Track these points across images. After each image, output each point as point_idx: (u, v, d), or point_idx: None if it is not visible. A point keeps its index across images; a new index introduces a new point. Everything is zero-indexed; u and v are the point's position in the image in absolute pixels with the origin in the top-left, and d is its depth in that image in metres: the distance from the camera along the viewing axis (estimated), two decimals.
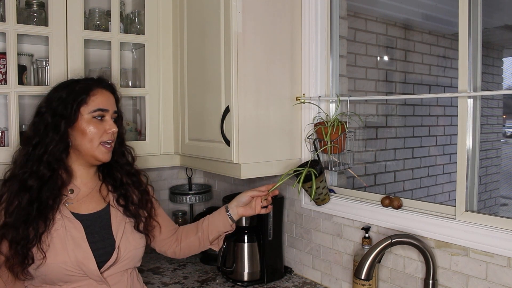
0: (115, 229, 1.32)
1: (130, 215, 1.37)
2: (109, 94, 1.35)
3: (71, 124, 1.28)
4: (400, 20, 3.41)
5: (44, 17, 1.79)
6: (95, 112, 1.29)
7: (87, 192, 1.35)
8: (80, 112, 1.28)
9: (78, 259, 1.22)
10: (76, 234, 1.25)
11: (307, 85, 1.77)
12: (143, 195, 1.44)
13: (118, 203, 1.37)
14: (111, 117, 1.33)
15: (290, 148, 1.78)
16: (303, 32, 1.77)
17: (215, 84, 1.69)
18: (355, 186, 2.05)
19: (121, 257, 1.30)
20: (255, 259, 1.84)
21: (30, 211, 1.21)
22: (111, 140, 1.33)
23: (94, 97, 1.30)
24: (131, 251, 1.33)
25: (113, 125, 1.32)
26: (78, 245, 1.24)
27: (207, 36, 1.74)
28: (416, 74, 3.56)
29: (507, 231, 1.20)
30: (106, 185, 1.40)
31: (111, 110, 1.33)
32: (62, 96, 1.29)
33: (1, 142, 1.81)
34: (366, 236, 1.54)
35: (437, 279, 1.36)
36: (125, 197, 1.39)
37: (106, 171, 1.41)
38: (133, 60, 2.23)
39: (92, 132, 1.29)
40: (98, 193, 1.37)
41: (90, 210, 1.32)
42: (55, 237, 1.23)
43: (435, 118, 3.74)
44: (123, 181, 1.41)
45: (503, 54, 4.37)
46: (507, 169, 4.37)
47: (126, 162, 1.44)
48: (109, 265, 1.28)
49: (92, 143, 1.29)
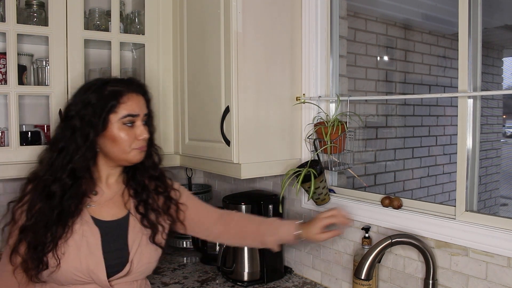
0: (131, 241, 1.28)
1: (148, 225, 1.32)
2: (139, 97, 1.28)
3: (100, 132, 1.22)
4: (400, 20, 3.41)
5: (44, 17, 1.79)
6: (125, 119, 1.23)
7: (110, 196, 1.31)
8: (110, 120, 1.22)
9: (89, 267, 1.20)
10: (92, 241, 1.22)
11: (307, 85, 1.77)
12: (166, 200, 1.38)
13: (137, 210, 1.32)
14: (141, 121, 1.27)
15: (290, 148, 1.78)
16: (303, 32, 1.77)
17: (215, 84, 1.69)
18: (355, 186, 2.05)
19: (133, 270, 1.27)
20: (255, 259, 1.84)
21: (50, 217, 1.18)
22: (143, 146, 1.28)
23: (124, 104, 1.23)
24: (144, 265, 1.29)
25: (144, 131, 1.26)
26: (91, 252, 1.21)
27: (207, 36, 1.74)
28: (416, 74, 3.56)
29: (507, 231, 1.20)
30: (128, 190, 1.35)
31: (141, 114, 1.27)
32: (91, 101, 1.22)
33: (1, 142, 1.81)
34: (366, 236, 1.54)
35: (437, 279, 1.36)
36: (145, 204, 1.34)
37: (130, 173, 1.36)
38: (133, 60, 2.23)
39: (123, 139, 1.23)
40: (120, 197, 1.32)
41: (110, 217, 1.28)
42: (71, 240, 1.20)
43: (435, 118, 3.74)
44: (145, 186, 1.36)
45: (503, 54, 4.37)
46: (507, 169, 4.37)
47: (151, 165, 1.37)
48: (119, 277, 1.25)
49: (124, 150, 1.24)
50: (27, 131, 1.85)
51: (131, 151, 1.25)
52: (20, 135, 1.73)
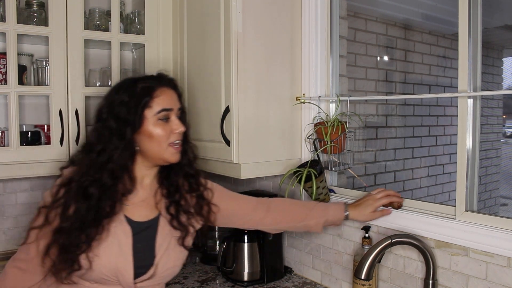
0: (158, 244, 1.28)
1: (178, 227, 1.31)
2: (171, 91, 1.28)
3: (137, 129, 1.22)
4: (400, 20, 3.41)
5: (44, 17, 1.79)
6: (160, 114, 1.22)
7: (144, 197, 1.30)
8: (145, 116, 1.21)
9: (118, 267, 1.19)
10: (123, 241, 1.22)
11: (307, 85, 1.77)
12: (199, 199, 1.38)
13: (168, 211, 1.31)
14: (176, 116, 1.27)
15: (290, 148, 1.78)
16: (303, 32, 1.77)
17: (215, 84, 1.69)
18: (355, 186, 2.05)
19: (157, 273, 1.26)
20: (255, 259, 1.84)
21: (86, 218, 1.17)
22: (179, 140, 1.27)
23: (157, 98, 1.22)
24: (168, 269, 1.29)
25: (180, 125, 1.26)
26: (122, 252, 1.21)
27: (207, 36, 1.74)
28: (416, 74, 3.57)
29: (507, 231, 1.20)
30: (161, 190, 1.34)
31: (175, 108, 1.26)
32: (124, 99, 1.21)
33: (1, 142, 1.81)
34: (366, 236, 1.54)
35: (437, 279, 1.36)
36: (177, 205, 1.33)
37: (165, 173, 1.35)
38: (133, 60, 2.23)
39: (160, 135, 1.22)
40: (153, 198, 1.32)
41: (142, 218, 1.27)
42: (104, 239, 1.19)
43: (435, 118, 3.74)
44: (178, 187, 1.34)
45: (503, 54, 4.38)
46: (507, 169, 4.37)
47: (187, 162, 1.35)
48: (144, 279, 1.25)
49: (161, 146, 1.23)
50: (27, 131, 1.86)
51: (167, 147, 1.24)
52: (20, 135, 1.73)
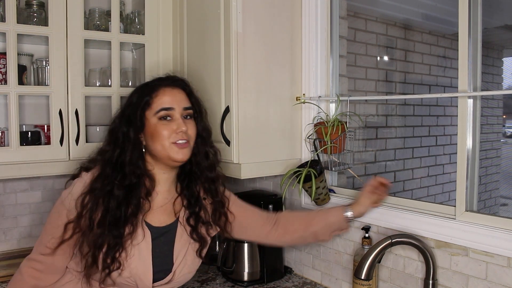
0: (176, 251, 1.28)
1: (197, 239, 1.31)
2: (175, 90, 1.26)
3: (141, 130, 1.22)
4: (400, 20, 3.41)
5: (44, 17, 1.79)
6: (159, 113, 1.21)
7: (162, 203, 1.30)
8: (146, 116, 1.22)
9: (138, 272, 1.19)
10: (143, 245, 1.22)
11: (307, 85, 1.77)
12: (217, 207, 1.36)
13: (188, 222, 1.31)
14: (180, 115, 1.24)
15: (290, 148, 1.78)
16: (303, 32, 1.77)
17: (215, 84, 1.69)
18: (355, 186, 2.05)
19: (174, 279, 1.28)
20: (255, 259, 1.84)
21: (119, 215, 1.17)
22: (183, 140, 1.23)
23: (157, 98, 1.22)
24: (184, 275, 1.30)
25: (182, 124, 1.22)
26: (141, 256, 1.21)
27: (207, 36, 1.74)
28: (416, 74, 3.57)
29: (507, 231, 1.20)
30: (182, 200, 1.33)
31: (178, 107, 1.23)
32: (133, 101, 1.24)
33: (1, 142, 1.81)
34: (366, 236, 1.54)
35: (437, 279, 1.36)
36: (197, 216, 1.32)
37: (185, 183, 1.33)
38: (133, 60, 2.23)
39: (161, 134, 1.21)
40: (171, 205, 1.31)
41: (160, 223, 1.27)
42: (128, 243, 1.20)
43: (435, 118, 3.74)
44: (199, 196, 1.34)
45: (503, 54, 4.37)
46: (507, 169, 4.37)
47: (207, 166, 1.33)
48: (161, 284, 1.25)
49: (164, 146, 1.21)
50: (27, 131, 1.85)
51: (170, 145, 1.22)
52: (20, 135, 1.73)
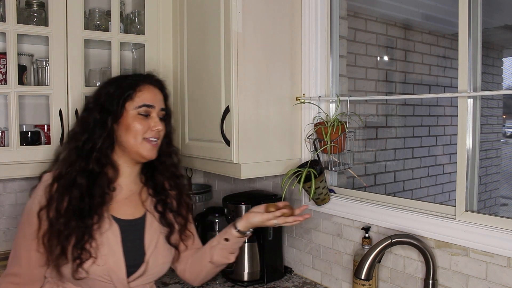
0: (147, 241, 1.29)
1: (165, 224, 1.33)
2: (156, 90, 1.31)
3: (117, 120, 1.25)
4: (400, 20, 3.41)
5: (44, 17, 1.79)
6: (141, 108, 1.26)
7: (127, 195, 1.31)
8: (126, 108, 1.25)
9: (110, 266, 1.19)
10: (112, 239, 1.22)
11: (307, 85, 1.77)
12: (183, 199, 1.40)
13: (155, 209, 1.33)
14: (157, 115, 1.29)
15: (290, 148, 1.78)
16: (303, 32, 1.77)
17: (215, 84, 1.69)
18: (355, 186, 2.05)
19: (148, 270, 1.27)
20: (255, 259, 1.84)
21: (83, 207, 1.18)
22: (155, 138, 1.28)
23: (140, 92, 1.27)
24: (159, 265, 1.31)
25: (159, 123, 1.28)
26: (112, 250, 1.21)
27: (207, 36, 1.74)
28: (416, 74, 3.56)
29: (507, 231, 1.20)
30: (147, 189, 1.36)
31: (157, 107, 1.29)
32: (110, 91, 1.27)
33: (1, 142, 1.81)
34: (366, 236, 1.54)
35: (437, 279, 1.36)
36: (164, 203, 1.35)
37: (149, 173, 1.37)
38: (133, 60, 2.23)
39: (137, 128, 1.25)
40: (138, 196, 1.33)
41: (128, 216, 1.28)
42: (98, 240, 1.20)
43: (435, 118, 3.73)
44: (164, 186, 1.37)
45: (503, 54, 4.37)
46: (507, 169, 4.37)
47: (172, 164, 1.39)
48: (135, 277, 1.25)
49: (136, 140, 1.25)
50: (27, 131, 1.85)
51: (142, 141, 1.26)
52: (20, 135, 1.73)
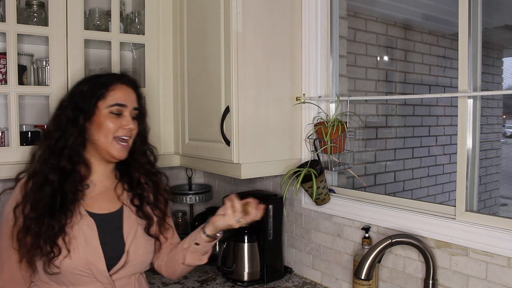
0: (126, 232, 1.30)
1: (143, 217, 1.35)
2: (129, 90, 1.33)
3: (89, 118, 1.27)
4: (400, 20, 3.41)
5: (44, 17, 1.79)
6: (113, 107, 1.27)
7: (101, 190, 1.33)
8: (98, 107, 1.27)
9: (88, 259, 1.21)
10: (88, 233, 1.24)
11: (307, 85, 1.77)
12: (160, 194, 1.42)
13: (132, 202, 1.35)
14: (130, 114, 1.31)
15: (290, 148, 1.78)
16: (303, 32, 1.77)
17: (215, 84, 1.69)
18: (355, 186, 2.05)
19: (129, 261, 1.29)
20: (255, 259, 1.84)
21: (54, 204, 1.20)
22: (127, 137, 1.30)
23: (113, 91, 1.28)
24: (140, 256, 1.32)
25: (131, 122, 1.30)
26: (89, 244, 1.23)
27: (207, 36, 1.74)
28: (416, 74, 3.56)
29: (507, 231, 1.20)
30: (122, 184, 1.38)
31: (130, 106, 1.31)
32: (83, 90, 1.29)
33: (1, 142, 1.81)
34: (366, 236, 1.54)
35: (437, 279, 1.36)
36: (141, 197, 1.37)
37: (123, 169, 1.39)
38: (133, 60, 2.23)
39: (108, 127, 1.26)
40: (113, 191, 1.35)
41: (104, 210, 1.30)
42: (69, 233, 1.22)
43: (435, 118, 3.74)
44: (140, 181, 1.39)
45: (503, 54, 4.37)
46: (507, 169, 4.37)
47: (147, 161, 1.41)
48: (117, 269, 1.27)
49: (107, 138, 1.27)
50: (27, 131, 1.85)
51: (113, 141, 1.27)
52: (20, 135, 1.73)
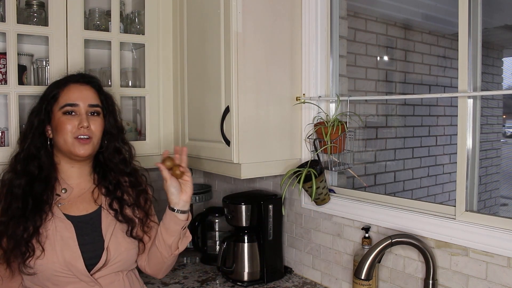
0: (104, 230, 1.30)
1: (124, 221, 1.33)
2: (83, 87, 1.32)
3: (49, 122, 1.30)
4: (400, 20, 3.41)
5: (44, 17, 1.79)
6: (64, 108, 1.28)
7: (79, 193, 1.33)
8: (53, 110, 1.29)
9: (66, 259, 1.21)
10: (66, 234, 1.24)
11: (307, 85, 1.77)
12: (140, 194, 1.40)
13: (111, 207, 1.34)
14: (85, 112, 1.29)
15: (290, 148, 1.78)
16: (303, 32, 1.77)
17: (215, 84, 1.69)
18: (355, 186, 2.05)
19: (111, 258, 1.28)
20: (255, 259, 1.84)
21: (26, 206, 1.22)
22: (85, 136, 1.28)
23: (63, 92, 1.30)
24: (122, 252, 1.31)
25: (84, 120, 1.28)
26: (67, 245, 1.23)
27: (207, 36, 1.74)
28: (416, 74, 3.57)
29: (507, 231, 1.20)
30: (99, 189, 1.36)
31: (83, 103, 1.29)
32: (44, 94, 1.34)
33: (1, 142, 1.81)
34: (366, 236, 1.54)
35: (437, 279, 1.36)
36: (119, 201, 1.35)
37: (101, 173, 1.38)
38: (133, 60, 2.23)
39: (65, 129, 1.27)
40: (90, 194, 1.35)
41: (81, 212, 1.30)
42: (45, 236, 1.23)
43: (435, 118, 3.74)
44: (118, 184, 1.37)
45: (503, 54, 4.37)
46: (507, 169, 4.37)
47: (120, 161, 1.39)
48: (99, 267, 1.26)
49: (66, 140, 1.27)
50: None
51: (72, 140, 1.27)
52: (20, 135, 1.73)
